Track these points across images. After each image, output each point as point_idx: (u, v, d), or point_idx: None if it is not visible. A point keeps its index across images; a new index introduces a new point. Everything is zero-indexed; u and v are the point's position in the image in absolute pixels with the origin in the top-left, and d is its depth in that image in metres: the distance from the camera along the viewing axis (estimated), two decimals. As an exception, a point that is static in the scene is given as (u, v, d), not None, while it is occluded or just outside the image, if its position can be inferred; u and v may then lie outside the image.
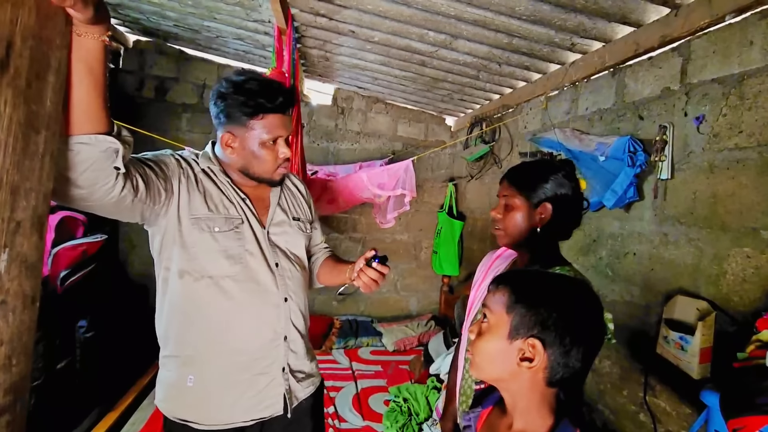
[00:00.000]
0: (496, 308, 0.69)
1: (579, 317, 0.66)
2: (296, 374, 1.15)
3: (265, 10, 2.16)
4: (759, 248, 1.36)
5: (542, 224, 0.97)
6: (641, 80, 1.88)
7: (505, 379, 0.69)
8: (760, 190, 1.37)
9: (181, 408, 1.06)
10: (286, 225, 1.17)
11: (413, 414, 2.36)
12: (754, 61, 1.39)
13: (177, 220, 1.00)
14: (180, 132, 3.36)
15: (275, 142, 1.05)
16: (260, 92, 1.00)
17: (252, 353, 1.07)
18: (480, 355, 0.71)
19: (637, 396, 1.75)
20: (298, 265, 1.18)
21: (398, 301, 4.03)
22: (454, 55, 2.34)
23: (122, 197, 0.84)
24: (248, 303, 1.06)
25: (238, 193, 1.10)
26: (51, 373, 2.13)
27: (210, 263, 1.03)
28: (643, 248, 1.85)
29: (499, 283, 0.71)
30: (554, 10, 1.70)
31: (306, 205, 1.29)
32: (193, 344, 1.06)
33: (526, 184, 0.99)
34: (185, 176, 1.02)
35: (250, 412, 1.07)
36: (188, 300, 1.04)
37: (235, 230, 1.05)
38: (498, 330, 0.68)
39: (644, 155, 1.76)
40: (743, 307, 1.41)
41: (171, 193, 0.99)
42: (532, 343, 0.64)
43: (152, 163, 0.96)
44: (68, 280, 2.37)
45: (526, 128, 2.82)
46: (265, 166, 1.07)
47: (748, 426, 0.96)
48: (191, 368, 1.05)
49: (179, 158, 1.05)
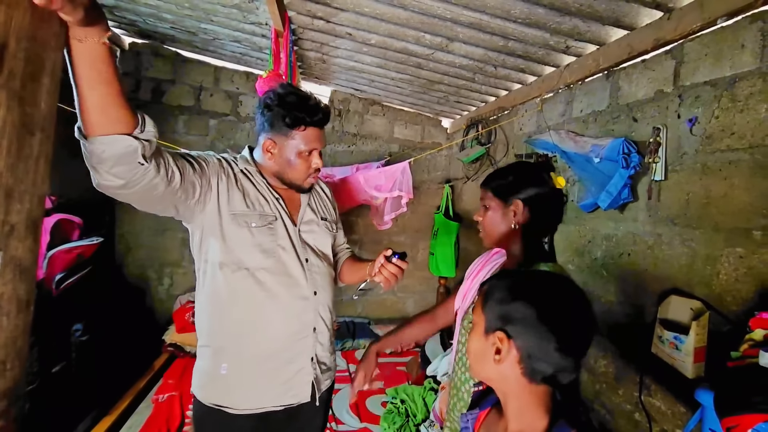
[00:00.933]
0: (477, 309, 0.75)
1: (549, 309, 0.67)
2: (321, 365, 1.22)
3: (262, 13, 2.17)
4: (751, 248, 1.38)
5: (519, 222, 1.01)
6: (635, 83, 1.89)
7: (493, 377, 0.72)
8: (751, 191, 1.38)
9: (215, 394, 1.14)
10: (314, 224, 1.26)
11: (410, 415, 2.36)
12: (745, 63, 1.41)
13: (218, 214, 1.08)
14: (177, 134, 3.35)
15: (310, 154, 1.16)
16: (303, 107, 1.11)
17: (282, 342, 1.14)
18: (469, 354, 0.75)
19: (633, 395, 1.75)
20: (325, 261, 1.26)
21: (395, 302, 4.03)
22: (450, 58, 2.35)
23: (153, 185, 0.89)
24: (280, 294, 1.14)
25: (273, 193, 1.19)
26: (46, 377, 2.11)
27: (246, 256, 1.10)
28: (638, 249, 1.86)
29: (480, 287, 0.78)
30: (549, 13, 1.72)
31: (331, 206, 1.39)
32: (226, 334, 1.13)
33: (496, 184, 1.05)
34: (225, 174, 1.11)
35: (280, 398, 1.15)
36: (225, 290, 1.11)
37: (268, 226, 1.13)
38: (478, 329, 0.73)
39: (638, 157, 1.78)
40: (736, 307, 1.42)
41: (208, 189, 1.06)
42: (499, 336, 0.69)
43: (192, 159, 1.04)
44: (63, 283, 2.35)
45: (522, 130, 2.84)
46: (298, 174, 1.17)
47: (742, 424, 0.97)
48: (224, 357, 1.12)
49: (221, 159, 1.14)
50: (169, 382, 2.53)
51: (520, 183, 1.02)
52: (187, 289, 3.43)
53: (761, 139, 1.35)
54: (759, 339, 1.15)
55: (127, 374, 2.56)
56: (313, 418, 1.26)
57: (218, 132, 3.46)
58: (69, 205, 2.55)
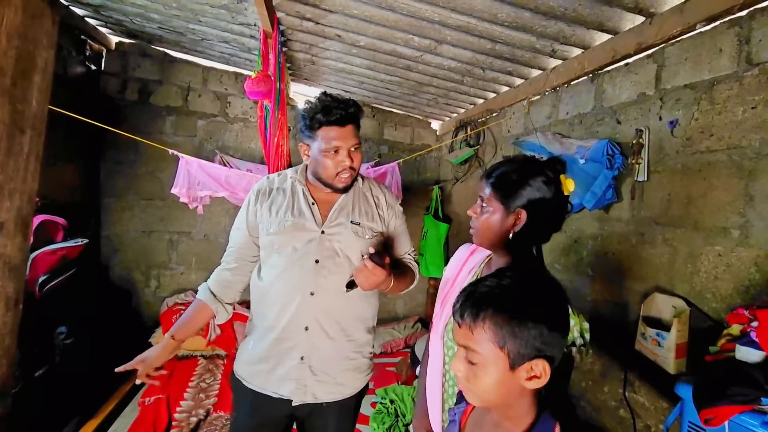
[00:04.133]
0: (485, 347, 0.64)
1: (564, 323, 0.68)
2: (317, 372, 1.23)
3: (251, 14, 2.16)
4: (729, 246, 1.42)
5: (516, 230, 0.92)
6: (618, 86, 1.94)
7: (509, 402, 0.68)
8: (729, 191, 1.43)
9: (240, 365, 1.29)
10: (342, 227, 1.27)
11: (400, 415, 2.37)
12: (723, 67, 1.46)
13: (258, 228, 1.30)
14: (164, 135, 3.32)
15: (337, 152, 1.21)
16: (320, 109, 1.19)
17: (278, 332, 1.23)
18: (480, 390, 0.67)
19: (618, 392, 1.79)
20: (343, 267, 1.25)
21: (385, 303, 4.04)
22: (439, 60, 2.37)
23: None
24: (281, 288, 1.23)
25: (308, 198, 1.29)
26: (29, 381, 2.07)
27: (267, 255, 1.27)
28: (622, 248, 1.91)
29: (473, 318, 0.65)
30: (535, 17, 1.75)
31: (378, 214, 1.37)
32: (253, 316, 1.31)
33: (503, 187, 0.93)
34: (258, 205, 1.29)
35: (278, 386, 1.22)
36: (254, 281, 1.30)
37: (283, 230, 1.23)
38: (496, 366, 0.64)
39: (622, 158, 1.82)
40: (716, 303, 1.46)
41: (258, 229, 1.29)
42: (538, 364, 0.63)
43: (244, 248, 1.30)
44: (47, 285, 2.31)
45: (510, 132, 2.88)
46: (327, 171, 1.23)
47: (719, 416, 1.00)
48: (253, 336, 1.29)
49: (253, 198, 1.31)
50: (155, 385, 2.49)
51: (527, 188, 0.91)
52: (175, 291, 3.40)
53: (738, 141, 1.40)
54: (736, 334, 1.19)
55: (112, 377, 2.51)
56: (336, 421, 1.28)
57: (206, 133, 3.43)
58: (53, 206, 2.50)
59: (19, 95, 0.58)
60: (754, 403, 1.02)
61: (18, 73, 0.57)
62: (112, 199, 3.26)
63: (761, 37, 1.34)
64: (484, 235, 0.96)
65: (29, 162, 0.62)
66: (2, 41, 0.54)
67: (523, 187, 0.91)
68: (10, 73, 0.56)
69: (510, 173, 0.94)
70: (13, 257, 0.64)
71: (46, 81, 0.62)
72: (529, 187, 0.90)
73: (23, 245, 0.65)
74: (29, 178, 0.62)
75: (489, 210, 0.94)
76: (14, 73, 0.56)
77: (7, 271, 0.63)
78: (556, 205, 0.93)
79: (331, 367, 1.25)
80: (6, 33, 0.55)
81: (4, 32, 0.54)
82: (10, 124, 0.57)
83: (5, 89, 0.55)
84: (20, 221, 0.63)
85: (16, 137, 0.58)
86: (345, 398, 1.29)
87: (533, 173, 0.92)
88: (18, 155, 0.59)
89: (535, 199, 0.90)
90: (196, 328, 1.28)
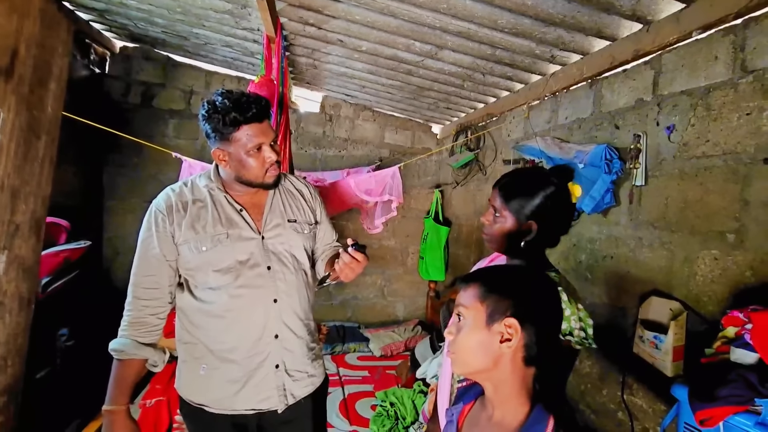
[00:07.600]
0: (470, 302, 0.74)
1: (543, 299, 0.74)
2: (292, 373, 1.21)
3: (254, 19, 2.19)
4: (725, 251, 1.44)
5: (527, 238, 0.97)
6: (617, 91, 1.97)
7: (489, 368, 0.72)
8: (725, 196, 1.45)
9: (195, 393, 1.20)
10: (280, 228, 1.24)
11: (400, 418, 2.38)
12: (718, 74, 1.48)
13: (177, 249, 1.17)
14: (167, 138, 3.34)
15: (260, 149, 1.14)
16: (233, 107, 1.09)
17: (245, 351, 1.16)
18: (462, 350, 0.74)
19: (616, 395, 1.81)
20: (293, 267, 1.24)
21: (385, 306, 4.05)
22: (440, 65, 2.40)
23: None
24: (238, 307, 1.16)
25: (233, 206, 1.20)
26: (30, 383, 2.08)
27: (203, 277, 1.16)
28: (620, 252, 1.92)
29: (468, 281, 0.77)
30: (534, 23, 1.78)
31: (307, 207, 1.36)
32: (198, 341, 1.19)
33: (515, 199, 0.99)
34: (170, 221, 1.15)
35: (249, 402, 1.17)
36: (189, 306, 1.19)
37: (220, 245, 1.15)
38: (475, 321, 0.72)
39: (620, 163, 1.84)
40: (712, 307, 1.48)
41: (174, 248, 1.16)
42: (509, 323, 0.69)
43: (154, 274, 1.17)
44: (50, 287, 2.32)
45: (510, 136, 2.90)
46: (255, 171, 1.15)
47: (715, 417, 1.02)
48: (202, 360, 1.18)
49: (160, 211, 1.16)
50: (157, 387, 2.50)
51: (538, 201, 0.96)
52: (176, 293, 3.41)
53: (733, 147, 1.43)
54: (731, 336, 1.21)
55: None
56: (302, 419, 1.26)
57: (209, 136, 3.45)
58: (56, 209, 2.52)
59: (36, 102, 0.60)
60: (748, 404, 1.04)
61: (35, 80, 0.59)
62: (114, 201, 3.28)
63: (755, 45, 1.37)
64: (498, 242, 1.03)
65: (44, 166, 0.64)
66: (21, 50, 0.56)
67: (534, 199, 0.97)
68: (28, 81, 0.58)
69: (521, 186, 1.00)
70: (27, 258, 0.66)
71: (61, 88, 0.65)
72: (539, 200, 0.96)
73: (36, 247, 0.67)
74: (43, 182, 0.64)
75: (501, 220, 1.00)
76: (32, 80, 0.59)
77: (21, 271, 0.65)
78: (564, 212, 1.01)
79: (301, 363, 1.25)
80: (25, 42, 0.57)
81: (23, 42, 0.56)
82: (27, 130, 0.59)
83: (23, 96, 0.58)
84: (34, 224, 0.65)
85: (32, 143, 0.60)
86: (316, 388, 1.30)
87: (543, 185, 0.98)
88: (34, 160, 0.62)
89: (545, 211, 0.97)
90: (133, 383, 1.19)
